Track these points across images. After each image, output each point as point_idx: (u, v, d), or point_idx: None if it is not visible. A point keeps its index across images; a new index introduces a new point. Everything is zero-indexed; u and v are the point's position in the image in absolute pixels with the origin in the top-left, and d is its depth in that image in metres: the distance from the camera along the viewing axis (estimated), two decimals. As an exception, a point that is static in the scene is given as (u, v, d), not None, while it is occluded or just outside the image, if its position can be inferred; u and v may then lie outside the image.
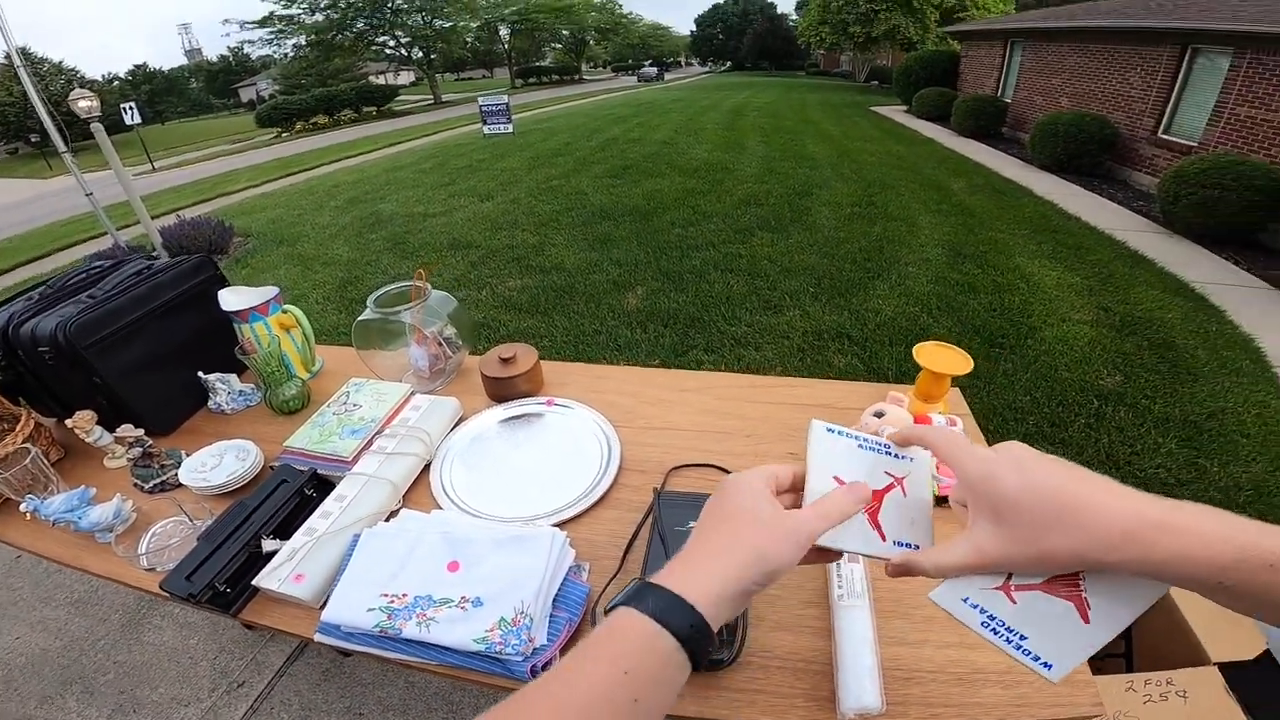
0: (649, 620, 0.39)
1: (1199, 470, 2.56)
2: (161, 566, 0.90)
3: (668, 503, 0.90)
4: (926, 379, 1.19)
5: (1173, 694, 1.49)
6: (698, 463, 1.05)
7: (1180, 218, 5.67)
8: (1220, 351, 3.43)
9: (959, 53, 14.96)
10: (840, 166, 7.45)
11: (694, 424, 1.17)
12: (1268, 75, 6.38)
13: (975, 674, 0.75)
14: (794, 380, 1.30)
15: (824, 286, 4.18)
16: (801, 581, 0.87)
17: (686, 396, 1.25)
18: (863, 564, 0.85)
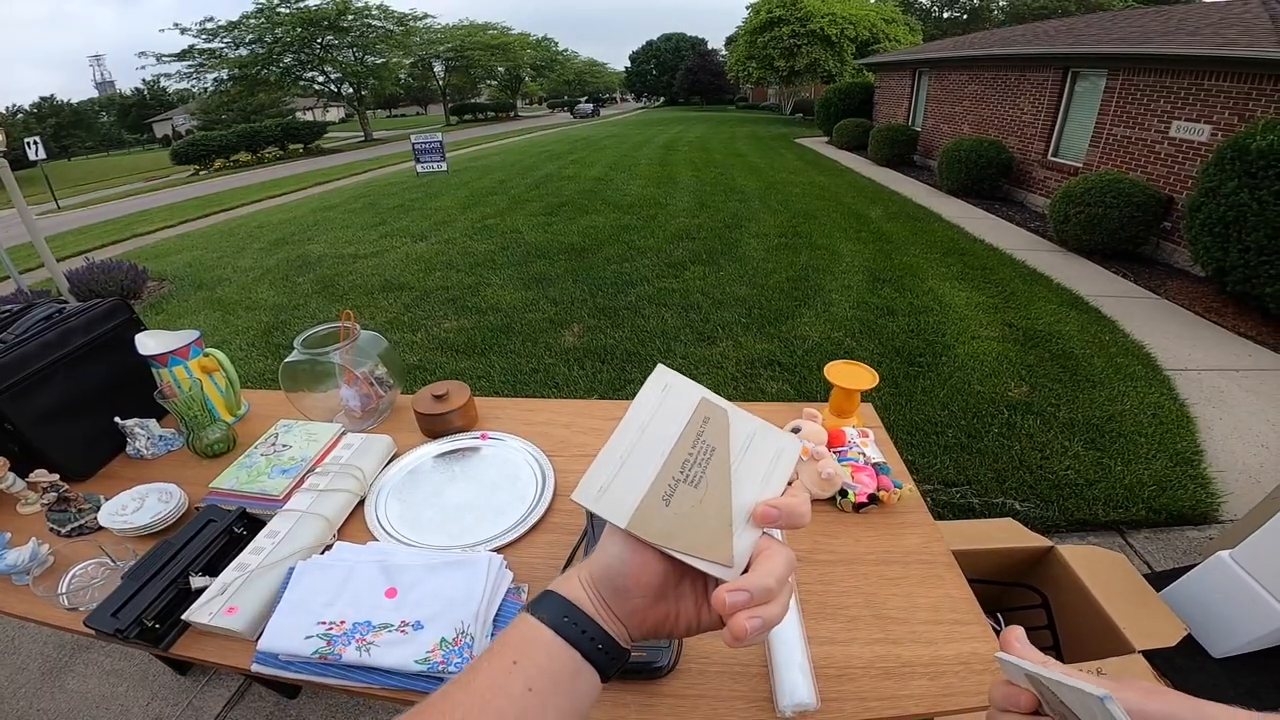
0: (527, 615, 0.42)
1: (1105, 469, 2.76)
2: (84, 606, 0.90)
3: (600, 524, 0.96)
4: (838, 395, 1.27)
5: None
6: None
7: (1071, 236, 6.19)
8: (1115, 359, 3.74)
9: (873, 84, 15.96)
10: (768, 198, 7.79)
11: None
12: (1138, 96, 7.07)
13: (903, 668, 0.79)
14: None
15: (754, 316, 4.32)
16: None
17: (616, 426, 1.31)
18: None
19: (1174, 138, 6.58)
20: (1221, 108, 6.07)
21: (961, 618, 0.87)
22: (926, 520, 1.07)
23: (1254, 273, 4.45)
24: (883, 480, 1.08)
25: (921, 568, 0.96)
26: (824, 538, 1.01)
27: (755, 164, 11.16)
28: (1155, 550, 2.40)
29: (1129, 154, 7.18)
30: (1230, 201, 4.60)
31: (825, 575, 0.93)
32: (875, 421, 1.38)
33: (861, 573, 0.94)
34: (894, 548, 1.00)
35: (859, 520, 1.05)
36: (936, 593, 0.91)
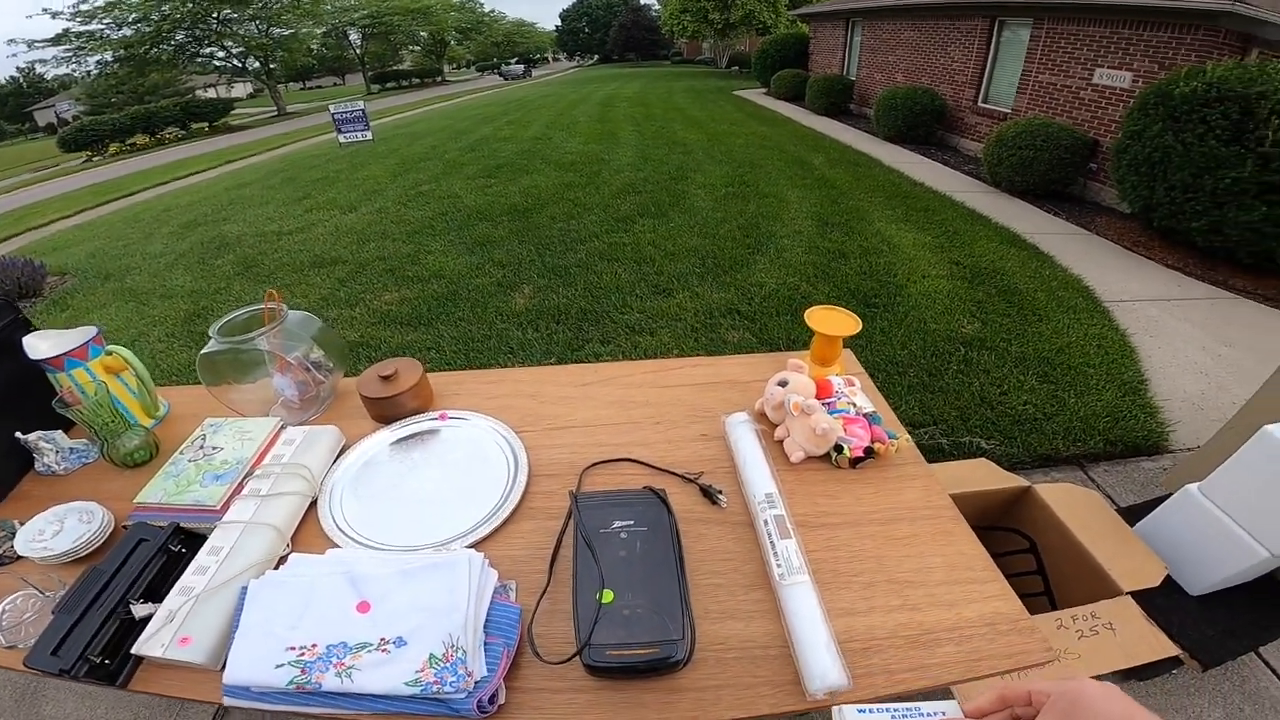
0: None
1: (1060, 403, 2.82)
2: (22, 643, 0.82)
3: (586, 504, 0.86)
4: (820, 343, 1.21)
5: (1101, 627, 1.58)
6: (611, 458, 1.02)
7: (1005, 178, 6.36)
8: (1056, 292, 3.84)
9: (808, 35, 15.87)
10: (711, 150, 7.63)
11: (600, 418, 1.13)
12: (1062, 45, 7.23)
13: (926, 634, 0.74)
14: (695, 360, 1.28)
15: (709, 266, 4.22)
16: (738, 564, 0.84)
17: (590, 390, 1.21)
18: (796, 539, 0.83)
19: (1097, 84, 6.79)
20: (1142, 56, 6.28)
21: (978, 575, 0.83)
22: (925, 471, 1.01)
23: (1179, 209, 4.67)
24: (876, 431, 1.02)
25: (928, 524, 0.91)
26: (825, 499, 0.94)
27: (696, 117, 10.94)
28: (1115, 483, 2.47)
29: (1055, 100, 7.39)
30: (1155, 144, 4.78)
31: (832, 540, 0.87)
32: (858, 368, 1.31)
33: (869, 534, 0.88)
34: (897, 503, 0.94)
35: (856, 477, 0.99)
36: (949, 550, 0.86)
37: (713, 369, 1.28)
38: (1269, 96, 4.19)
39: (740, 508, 0.93)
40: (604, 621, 0.70)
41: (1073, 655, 1.53)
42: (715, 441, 1.05)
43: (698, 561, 0.84)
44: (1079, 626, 1.58)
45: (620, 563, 0.77)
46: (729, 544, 0.87)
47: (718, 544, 0.87)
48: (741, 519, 0.91)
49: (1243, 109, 4.28)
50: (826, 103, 11.71)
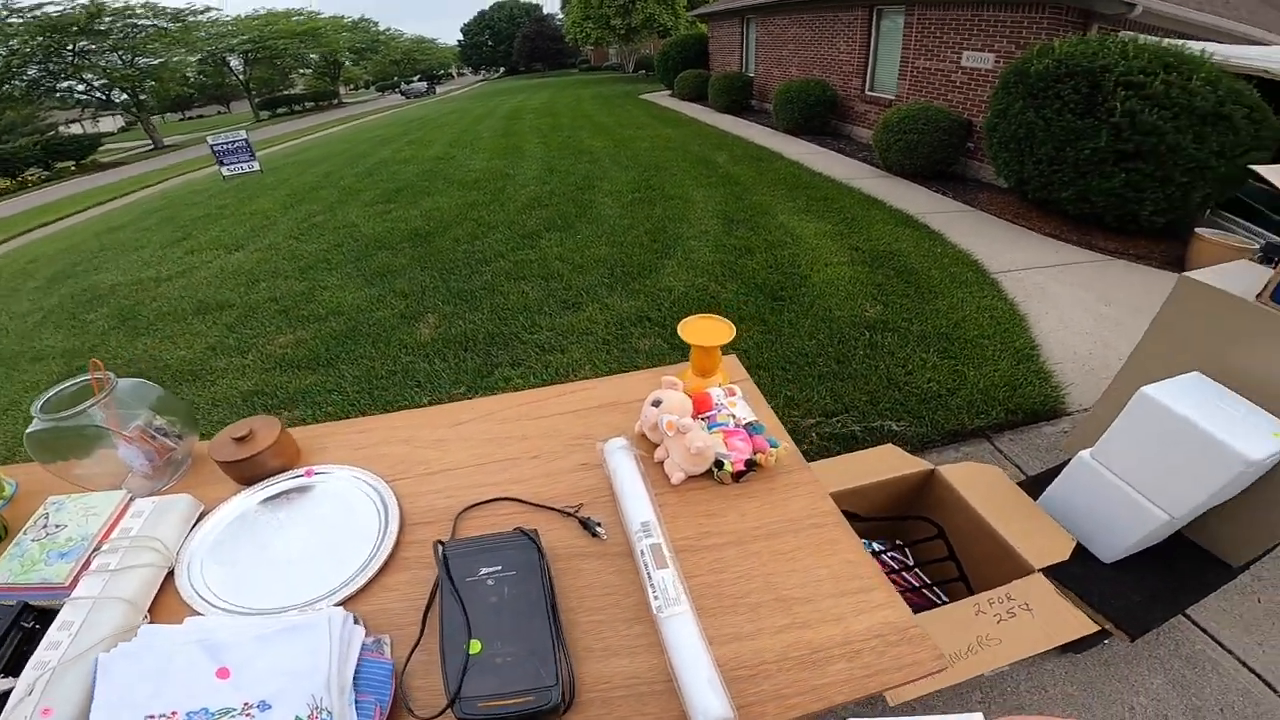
0: None
1: (961, 377, 2.91)
2: None
3: (454, 552, 0.83)
4: (697, 354, 1.18)
5: (1018, 609, 1.56)
6: (487, 499, 0.99)
7: (894, 162, 6.66)
8: (949, 269, 4.01)
9: (707, 34, 16.20)
10: (618, 156, 7.60)
11: (477, 457, 1.10)
12: (932, 30, 7.63)
13: (816, 653, 0.73)
14: (572, 385, 1.26)
15: (617, 275, 4.15)
16: (620, 598, 0.81)
17: (466, 429, 1.18)
18: (673, 567, 0.81)
19: (965, 67, 7.22)
20: (1000, 36, 6.72)
21: (865, 584, 0.82)
22: (809, 477, 1.00)
23: (1048, 181, 5.01)
24: (757, 441, 0.99)
25: (813, 533, 0.89)
26: (708, 518, 0.92)
27: (602, 123, 10.91)
28: (1021, 452, 2.56)
29: (931, 84, 7.81)
30: (1019, 120, 5.11)
31: (718, 562, 0.85)
32: (741, 374, 1.29)
33: (754, 551, 0.86)
34: (782, 516, 0.92)
35: (740, 491, 0.96)
36: (834, 560, 0.85)
37: (590, 393, 1.25)
38: (1112, 69, 4.54)
39: (622, 538, 0.91)
40: (473, 673, 0.69)
41: (994, 641, 1.52)
42: (596, 470, 1.03)
43: (579, 598, 0.82)
44: (996, 610, 1.58)
45: (489, 610, 0.75)
46: (610, 577, 0.85)
47: (598, 578, 0.85)
48: (623, 549, 0.89)
49: (1091, 83, 4.63)
50: (728, 100, 11.97)
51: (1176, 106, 4.35)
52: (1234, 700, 1.69)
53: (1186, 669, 1.77)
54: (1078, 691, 1.72)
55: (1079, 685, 1.73)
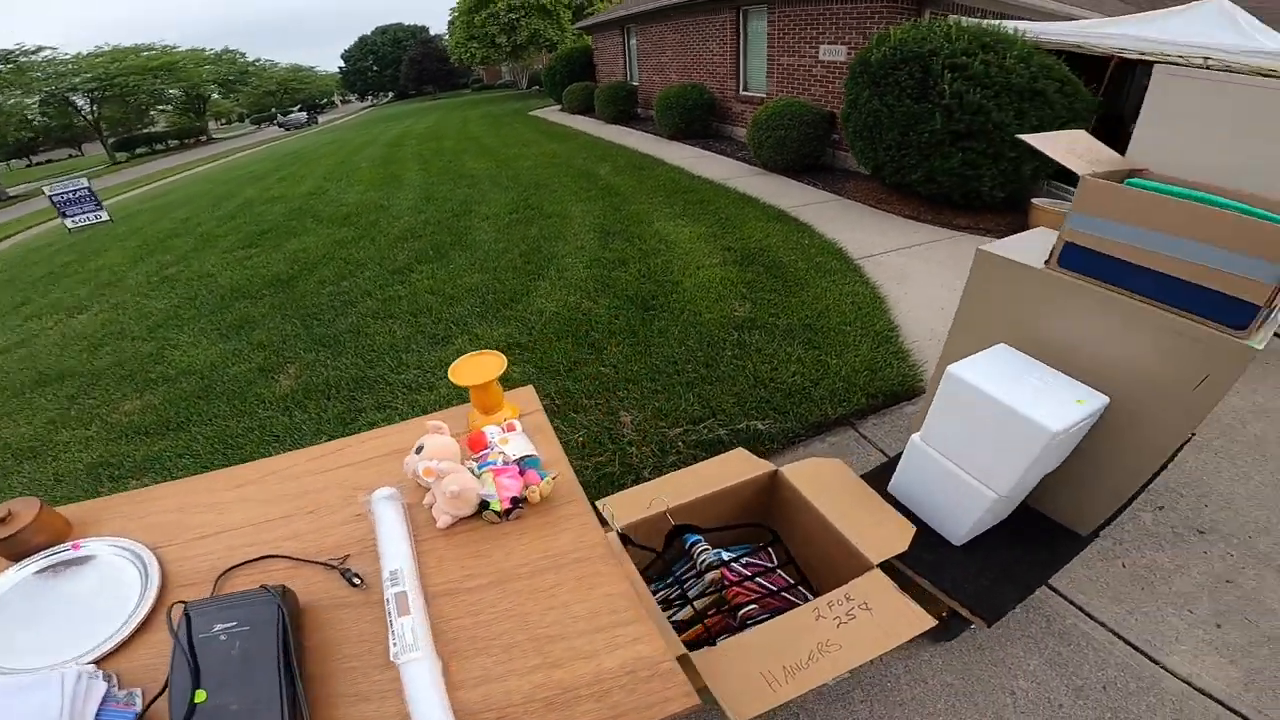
0: None
1: (824, 367, 2.94)
2: None
3: (196, 611, 0.87)
4: (475, 393, 1.20)
5: (857, 609, 1.49)
6: (254, 558, 1.01)
7: (767, 158, 6.86)
8: (815, 259, 4.11)
9: (592, 46, 16.26)
10: (499, 177, 7.41)
11: (252, 519, 1.12)
12: (792, 26, 7.92)
13: (565, 693, 0.73)
14: (364, 436, 1.28)
15: (489, 302, 3.99)
16: (372, 645, 0.83)
17: (245, 492, 1.21)
18: (417, 613, 0.83)
19: (823, 60, 7.55)
20: (849, 28, 7.06)
21: (621, 618, 0.83)
22: (581, 509, 1.01)
23: (899, 165, 5.27)
24: (529, 476, 1.00)
25: (576, 568, 0.90)
26: (474, 559, 0.93)
27: (488, 144, 10.66)
28: (884, 435, 2.59)
29: (795, 80, 8.12)
30: (867, 109, 5.35)
31: (475, 604, 0.86)
32: (533, 405, 1.33)
33: (515, 590, 0.88)
34: (548, 551, 0.94)
35: (510, 529, 0.98)
36: (594, 595, 0.86)
37: (379, 441, 1.26)
38: (939, 53, 4.81)
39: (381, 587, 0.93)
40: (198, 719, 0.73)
41: (834, 646, 1.45)
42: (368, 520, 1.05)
43: (334, 645, 0.84)
44: (836, 613, 1.52)
45: (220, 663, 0.79)
46: (366, 626, 0.87)
47: (356, 627, 0.87)
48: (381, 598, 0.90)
49: (923, 68, 4.88)
50: (615, 110, 12.02)
51: (996, 85, 4.66)
52: (1114, 676, 1.70)
53: (1062, 646, 1.78)
54: (957, 680, 1.71)
55: (957, 674, 1.73)
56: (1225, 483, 2.45)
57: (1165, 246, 1.52)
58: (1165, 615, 1.87)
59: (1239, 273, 1.41)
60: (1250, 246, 1.38)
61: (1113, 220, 1.59)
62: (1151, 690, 1.65)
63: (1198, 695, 1.64)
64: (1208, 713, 1.60)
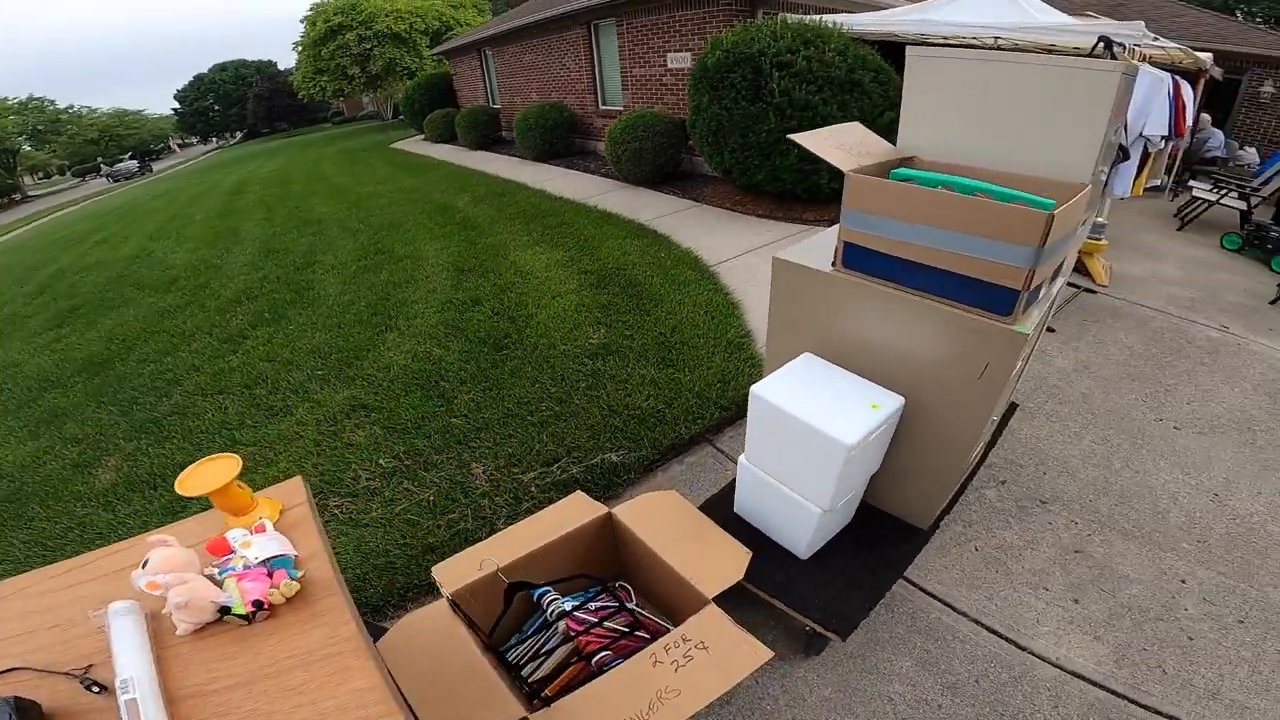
0: None
1: (678, 385, 2.89)
2: None
3: None
4: (214, 499, 1.16)
5: (694, 649, 1.41)
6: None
7: (627, 171, 6.90)
8: (670, 272, 4.12)
9: (451, 72, 15.78)
10: (349, 221, 6.92)
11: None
12: (640, 37, 7.99)
13: None
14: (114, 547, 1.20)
15: (332, 363, 3.66)
16: None
17: None
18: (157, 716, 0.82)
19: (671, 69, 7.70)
20: (692, 34, 7.22)
21: (371, 712, 0.82)
22: (337, 604, 1.00)
23: (745, 166, 5.44)
24: (277, 576, 1.00)
25: (327, 664, 0.89)
26: (221, 662, 0.91)
27: (340, 184, 9.99)
28: (739, 448, 2.52)
29: (649, 90, 8.24)
30: (709, 114, 5.48)
31: (222, 705, 0.85)
32: (298, 498, 1.25)
33: (262, 690, 0.86)
34: (298, 649, 0.92)
35: (262, 629, 0.96)
36: (343, 690, 0.85)
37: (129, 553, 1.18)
38: (767, 53, 5.00)
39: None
40: None
41: (673, 693, 1.37)
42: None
43: None
44: (674, 656, 1.44)
45: None
46: None
47: None
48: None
49: (754, 68, 5.05)
50: (477, 136, 11.71)
51: (819, 79, 4.90)
52: (985, 668, 1.69)
53: (930, 644, 1.77)
54: (835, 694, 1.67)
55: (834, 687, 1.68)
56: (1059, 446, 2.59)
57: (928, 239, 1.53)
58: (1023, 596, 1.90)
59: (995, 259, 1.44)
60: (1000, 232, 1.41)
61: (878, 216, 1.59)
62: (1024, 679, 1.66)
63: (1072, 679, 1.66)
64: (1085, 696, 1.61)
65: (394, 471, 2.67)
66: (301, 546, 1.11)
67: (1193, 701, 1.58)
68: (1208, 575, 1.96)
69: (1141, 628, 1.78)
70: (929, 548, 2.03)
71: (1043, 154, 1.65)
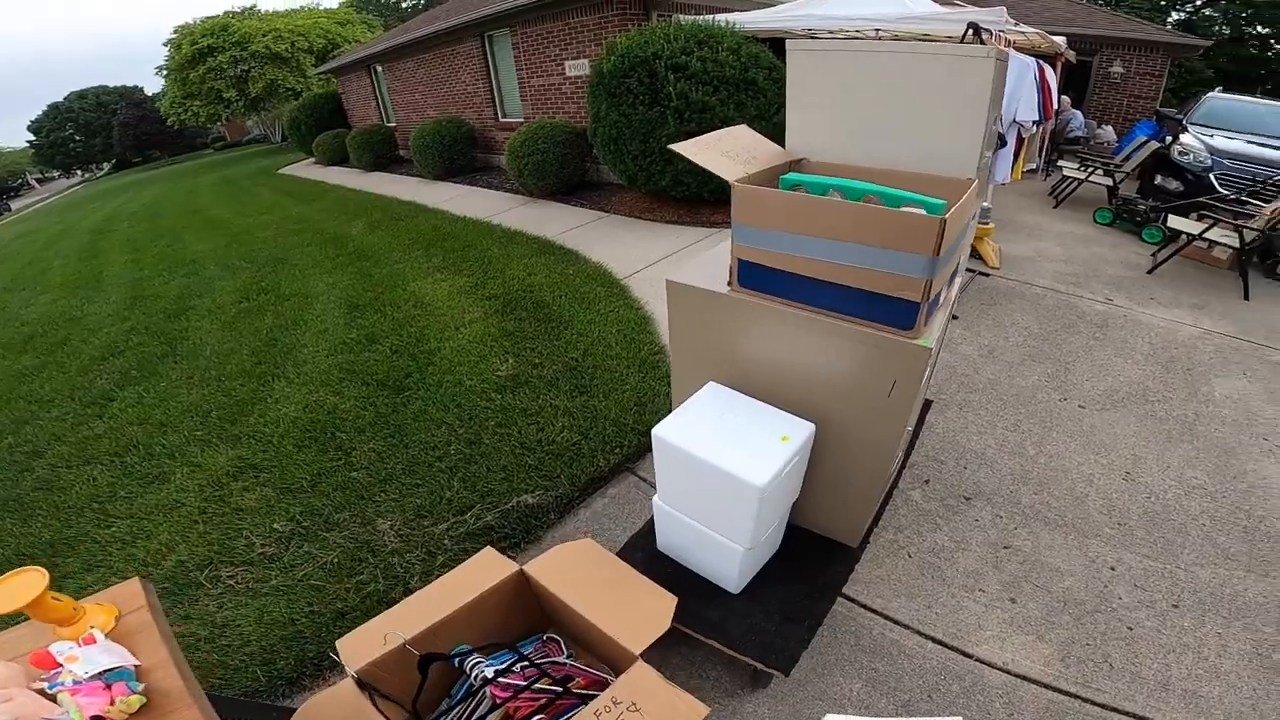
0: None
1: (593, 413, 2.74)
2: None
3: None
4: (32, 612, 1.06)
5: (626, 712, 1.31)
6: None
7: (532, 185, 6.69)
8: (580, 289, 3.98)
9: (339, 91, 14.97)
10: (228, 258, 6.32)
11: None
12: (536, 45, 7.78)
13: None
14: None
15: (213, 420, 3.28)
16: None
17: None
18: None
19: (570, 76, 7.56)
20: (588, 41, 7.09)
21: None
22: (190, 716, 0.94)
23: (649, 173, 5.38)
24: (116, 689, 0.94)
25: None
26: None
27: (219, 217, 9.17)
28: None
29: (549, 100, 8.07)
30: (609, 121, 5.39)
31: None
32: (137, 602, 1.16)
33: None
34: None
35: None
36: None
37: None
38: (661, 55, 4.96)
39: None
40: None
41: None
42: None
43: None
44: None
45: None
46: None
47: None
48: None
49: (650, 72, 5.00)
50: (373, 157, 11.12)
51: (715, 80, 4.91)
52: (936, 681, 1.64)
53: (878, 662, 1.71)
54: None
55: (784, 718, 1.59)
56: (975, 437, 2.61)
57: (821, 252, 1.44)
58: (962, 601, 1.87)
59: (890, 270, 1.36)
60: (893, 241, 1.32)
61: (769, 229, 1.49)
62: (977, 689, 1.62)
63: (1022, 683, 1.63)
64: (1039, 699, 1.58)
65: (292, 535, 2.40)
66: (145, 655, 1.03)
67: (1145, 695, 1.58)
68: (1134, 560, 2.00)
69: (1081, 622, 1.79)
70: (864, 560, 2.00)
71: (930, 146, 1.61)
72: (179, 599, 2.14)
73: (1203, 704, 1.55)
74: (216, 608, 2.10)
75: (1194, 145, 5.69)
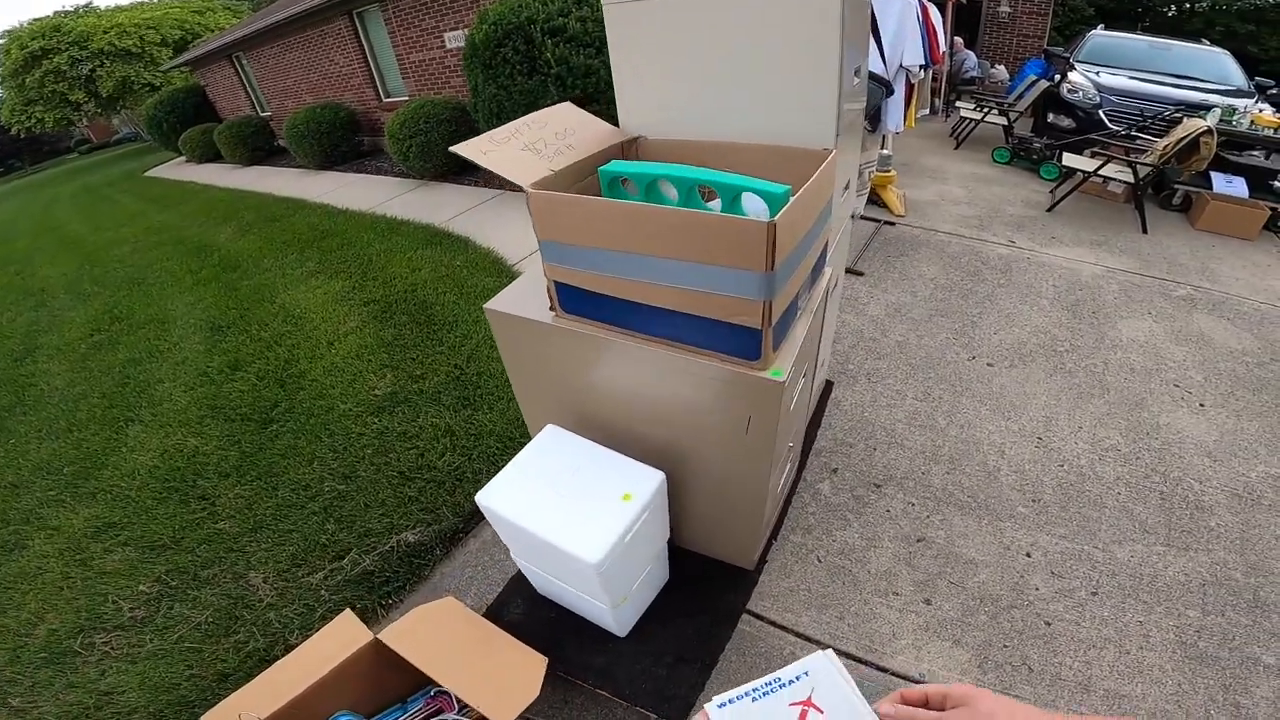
0: None
1: (478, 428, 2.52)
2: None
3: None
4: None
5: None
6: None
7: (419, 167, 6.22)
8: (466, 283, 3.69)
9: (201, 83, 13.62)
10: (80, 283, 5.60)
11: None
12: (411, 19, 7.21)
13: None
14: None
15: (66, 478, 2.87)
16: None
17: None
18: None
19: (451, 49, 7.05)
20: (465, 9, 6.59)
21: None
22: None
23: (537, 145, 5.07)
24: None
25: None
26: None
27: (75, 233, 8.14)
28: None
29: (431, 76, 7.52)
30: (487, 94, 4.99)
31: None
32: None
33: None
34: None
35: None
36: None
37: None
38: (536, 20, 4.59)
39: None
40: None
41: None
42: None
43: None
44: None
45: None
46: None
47: None
48: None
49: (526, 38, 4.63)
50: (248, 151, 10.14)
51: (598, 41, 4.60)
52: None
53: None
54: None
55: None
56: (884, 412, 2.48)
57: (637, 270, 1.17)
58: (875, 608, 1.75)
59: (720, 291, 1.10)
60: (717, 255, 1.06)
61: (579, 246, 1.22)
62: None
63: None
64: None
65: (160, 596, 2.14)
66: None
67: (1067, 699, 1.50)
68: (1050, 542, 1.91)
69: (997, 620, 1.70)
70: (772, 569, 1.87)
71: (778, 108, 1.38)
72: (60, 668, 1.93)
73: (1126, 704, 1.49)
74: (98, 675, 1.87)
75: (1082, 83, 5.82)
